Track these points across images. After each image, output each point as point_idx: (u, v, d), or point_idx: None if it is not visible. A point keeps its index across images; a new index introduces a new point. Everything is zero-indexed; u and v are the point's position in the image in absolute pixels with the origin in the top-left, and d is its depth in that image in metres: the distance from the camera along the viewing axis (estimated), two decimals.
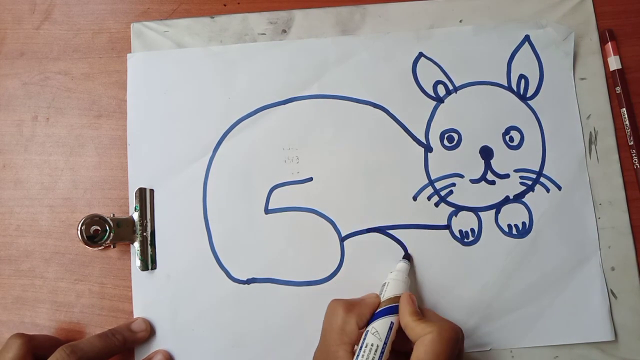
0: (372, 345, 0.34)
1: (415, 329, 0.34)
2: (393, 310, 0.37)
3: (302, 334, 0.42)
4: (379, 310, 0.37)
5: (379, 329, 0.35)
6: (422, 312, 0.37)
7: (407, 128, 0.45)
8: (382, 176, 0.44)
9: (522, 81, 0.45)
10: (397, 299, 0.37)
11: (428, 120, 0.45)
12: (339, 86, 0.45)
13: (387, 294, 0.38)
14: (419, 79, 0.45)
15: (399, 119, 0.45)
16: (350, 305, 0.37)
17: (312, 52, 0.46)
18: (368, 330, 0.35)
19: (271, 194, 0.44)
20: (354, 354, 0.34)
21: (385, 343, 0.35)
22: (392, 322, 0.36)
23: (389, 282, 0.39)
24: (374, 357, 0.34)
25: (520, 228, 0.43)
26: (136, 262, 0.43)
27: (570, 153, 0.44)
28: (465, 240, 0.43)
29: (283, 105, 0.45)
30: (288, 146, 0.44)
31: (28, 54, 0.47)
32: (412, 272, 0.43)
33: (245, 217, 0.43)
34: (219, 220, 0.43)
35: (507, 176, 0.44)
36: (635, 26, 0.47)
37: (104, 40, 0.47)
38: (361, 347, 0.34)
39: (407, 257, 0.42)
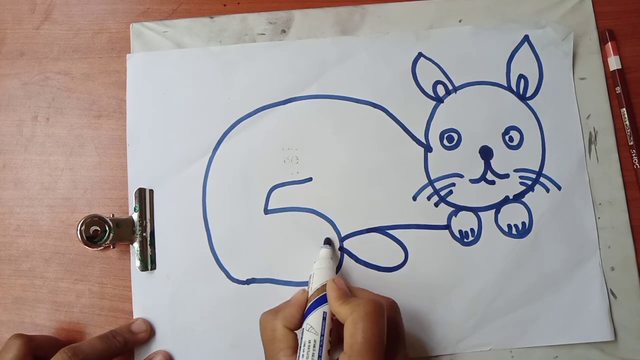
0: (309, 342, 0.33)
1: (341, 313, 0.33)
2: (323, 299, 0.35)
3: None
4: (309, 304, 0.36)
5: (313, 323, 0.34)
6: (353, 291, 0.36)
7: (406, 128, 0.45)
8: (382, 176, 0.44)
9: (522, 81, 0.45)
10: (324, 287, 0.36)
11: (428, 120, 0.45)
12: (338, 86, 0.45)
13: (313, 285, 0.37)
14: (419, 79, 0.45)
15: (399, 118, 0.45)
16: (275, 312, 0.36)
17: (311, 52, 0.46)
18: (303, 328, 0.35)
19: (271, 194, 0.44)
20: (295, 357, 0.34)
21: (322, 335, 0.34)
22: (324, 312, 0.35)
23: (313, 272, 0.38)
24: (313, 353, 0.33)
25: (520, 228, 0.43)
26: (136, 262, 0.43)
27: (570, 153, 0.44)
28: (465, 240, 0.43)
29: (283, 106, 0.45)
30: (288, 146, 0.44)
31: (28, 54, 0.47)
32: (411, 273, 0.42)
33: (245, 218, 0.43)
34: (218, 220, 0.43)
35: (506, 176, 0.44)
36: (635, 26, 0.47)
37: (104, 40, 0.47)
38: (300, 346, 0.34)
39: (328, 241, 0.41)
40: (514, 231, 0.43)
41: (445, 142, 0.44)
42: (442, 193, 0.44)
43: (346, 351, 0.32)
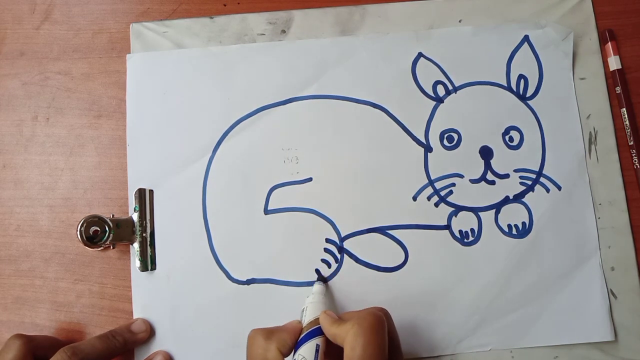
0: None
1: (340, 334, 0.33)
2: (316, 332, 0.35)
3: None
4: (302, 335, 0.36)
5: (306, 354, 0.34)
6: (344, 317, 0.35)
7: (406, 128, 0.45)
8: (382, 176, 0.44)
9: (522, 81, 0.45)
10: (317, 321, 0.36)
11: (428, 120, 0.45)
12: (338, 86, 0.45)
13: (307, 318, 0.37)
14: (419, 79, 0.45)
15: (399, 119, 0.45)
16: (269, 333, 0.35)
17: (311, 52, 0.46)
18: (295, 359, 0.34)
19: (271, 194, 0.44)
20: None
21: None
22: (317, 345, 0.35)
23: (307, 306, 0.38)
24: None
25: (520, 228, 0.43)
26: (136, 262, 0.43)
27: (570, 153, 0.44)
28: (465, 240, 0.43)
29: (282, 106, 0.45)
30: (287, 146, 0.44)
31: (28, 54, 0.47)
32: (411, 273, 0.43)
33: (245, 218, 0.43)
34: (218, 220, 0.43)
35: (507, 176, 0.44)
36: (635, 26, 0.47)
37: (104, 40, 0.47)
38: None
39: (322, 279, 0.42)
40: (514, 231, 0.43)
41: (445, 142, 0.44)
42: (442, 193, 0.44)
43: None
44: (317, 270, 0.43)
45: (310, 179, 0.44)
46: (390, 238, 0.43)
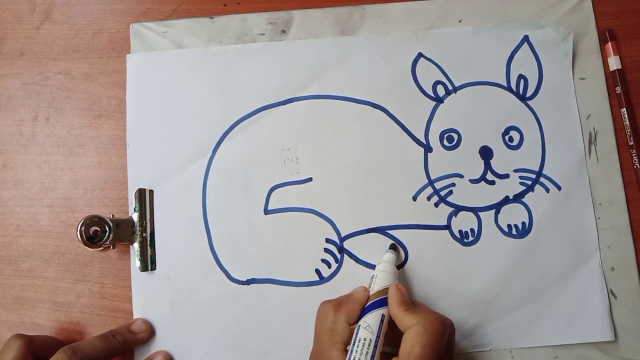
0: (364, 339, 0.34)
1: (404, 320, 0.34)
2: (383, 302, 0.37)
3: (302, 334, 0.42)
4: (369, 303, 0.37)
5: (371, 322, 0.35)
6: (414, 303, 0.37)
7: (406, 128, 0.45)
8: (382, 176, 0.44)
9: (522, 81, 0.45)
10: (386, 290, 0.37)
11: (428, 121, 0.45)
12: (338, 86, 0.45)
13: (375, 286, 0.38)
14: (419, 79, 0.45)
15: (399, 119, 0.45)
16: (338, 305, 0.37)
17: (311, 52, 0.46)
18: (360, 325, 0.35)
19: (271, 194, 0.44)
20: (347, 352, 0.34)
21: (377, 336, 0.35)
22: (383, 315, 0.36)
23: (377, 274, 0.39)
24: (367, 352, 0.34)
25: (520, 228, 0.43)
26: (136, 262, 0.43)
27: (570, 153, 0.44)
28: (465, 240, 0.43)
29: (282, 106, 0.45)
30: (287, 146, 0.44)
31: (28, 54, 0.47)
32: (411, 273, 0.43)
33: (245, 218, 0.43)
34: (218, 220, 0.43)
35: (506, 176, 0.44)
36: (635, 26, 0.47)
37: (104, 40, 0.47)
38: (354, 342, 0.34)
39: (394, 247, 0.42)
40: (514, 231, 0.43)
41: (445, 142, 0.44)
42: (442, 193, 0.44)
43: (402, 358, 0.33)
44: (392, 245, 0.42)
45: (310, 179, 0.44)
46: (390, 238, 0.43)
